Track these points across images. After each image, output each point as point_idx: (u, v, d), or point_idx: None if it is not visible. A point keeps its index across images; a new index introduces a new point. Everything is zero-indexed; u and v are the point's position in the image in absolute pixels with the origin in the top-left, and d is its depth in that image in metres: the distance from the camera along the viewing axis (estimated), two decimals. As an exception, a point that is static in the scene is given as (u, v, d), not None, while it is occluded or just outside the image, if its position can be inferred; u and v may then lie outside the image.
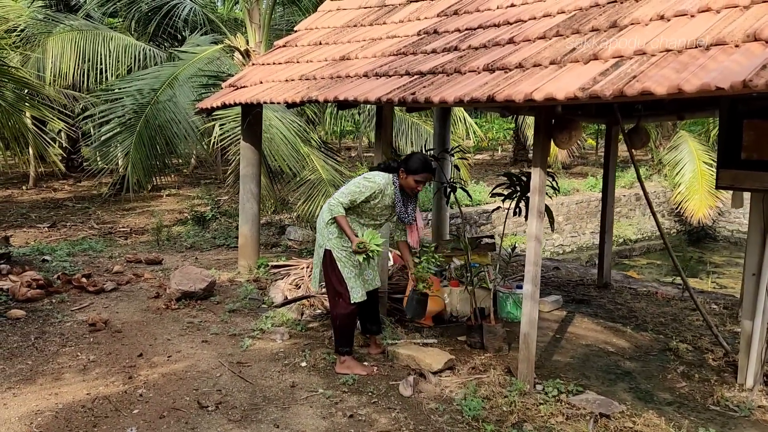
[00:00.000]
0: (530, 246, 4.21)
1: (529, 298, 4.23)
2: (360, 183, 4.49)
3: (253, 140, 7.36)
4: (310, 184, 10.23)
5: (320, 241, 4.54)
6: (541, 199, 4.16)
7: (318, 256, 4.61)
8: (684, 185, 18.88)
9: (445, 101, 4.09)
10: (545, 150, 4.14)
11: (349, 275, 4.47)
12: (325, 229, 4.48)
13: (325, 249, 4.50)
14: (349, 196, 4.43)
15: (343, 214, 4.39)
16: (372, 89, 4.88)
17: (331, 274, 4.50)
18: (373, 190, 4.48)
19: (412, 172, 4.49)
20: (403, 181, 4.54)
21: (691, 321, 5.96)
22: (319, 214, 4.62)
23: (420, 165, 4.51)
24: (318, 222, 4.60)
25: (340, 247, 4.46)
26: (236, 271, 7.44)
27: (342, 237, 4.48)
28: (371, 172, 4.62)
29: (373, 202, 4.54)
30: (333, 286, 4.52)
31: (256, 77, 6.88)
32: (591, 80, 3.39)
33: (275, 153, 9.92)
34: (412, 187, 4.54)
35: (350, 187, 4.48)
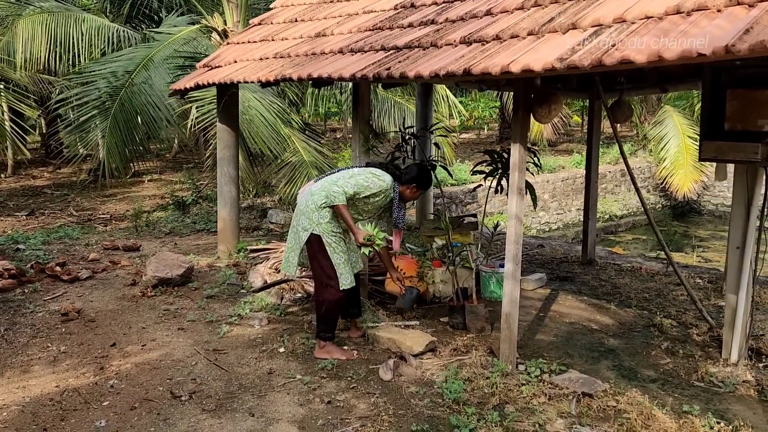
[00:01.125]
0: (511, 224, 4.10)
1: (510, 277, 4.13)
2: (369, 178, 4.37)
3: (229, 122, 7.18)
4: (292, 166, 10.06)
5: (305, 224, 4.33)
6: (522, 176, 4.05)
7: (298, 240, 4.43)
8: (669, 160, 18.87)
9: (420, 76, 3.94)
10: (524, 125, 4.02)
11: (339, 261, 4.34)
12: (315, 213, 4.30)
13: (312, 233, 4.32)
14: (355, 187, 4.29)
15: (345, 204, 4.26)
16: (347, 65, 4.72)
17: (321, 259, 4.33)
18: (380, 188, 4.41)
19: (421, 187, 4.54)
20: (409, 194, 4.54)
21: (676, 296, 5.91)
22: (305, 197, 4.41)
23: (429, 182, 4.59)
24: (304, 204, 4.36)
25: (331, 233, 4.31)
26: (215, 256, 7.30)
27: (333, 222, 4.33)
28: (377, 170, 4.50)
29: (373, 200, 4.44)
30: (323, 271, 4.35)
31: (231, 56, 6.69)
32: (569, 50, 3.25)
33: (255, 135, 9.73)
34: (413, 198, 4.61)
35: (357, 179, 4.33)
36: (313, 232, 4.31)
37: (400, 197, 4.53)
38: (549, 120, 4.02)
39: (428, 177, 4.60)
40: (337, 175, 4.44)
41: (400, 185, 4.52)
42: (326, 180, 4.41)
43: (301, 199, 4.47)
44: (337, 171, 4.58)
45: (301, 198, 4.48)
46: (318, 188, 4.37)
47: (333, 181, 4.35)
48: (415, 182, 4.50)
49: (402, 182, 4.52)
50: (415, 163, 4.70)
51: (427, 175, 4.59)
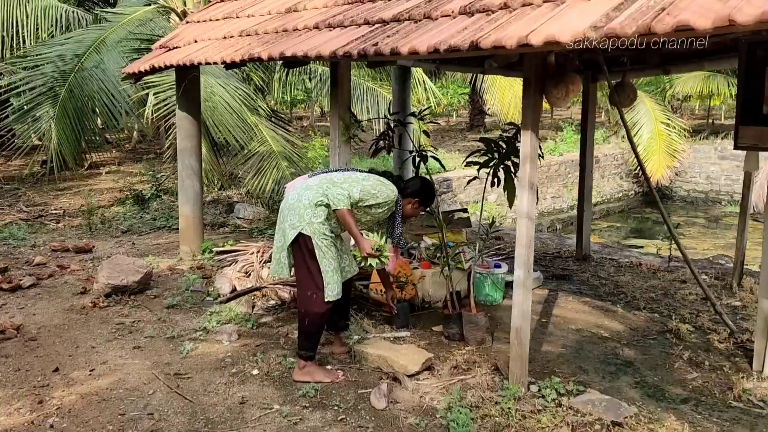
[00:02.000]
0: (521, 225, 3.54)
1: (521, 285, 3.57)
2: (377, 185, 3.82)
3: (190, 109, 6.47)
4: (260, 156, 9.36)
5: (294, 221, 3.72)
6: (534, 168, 3.48)
7: (284, 239, 3.81)
8: (642, 146, 18.67)
9: (415, 51, 3.34)
10: (537, 110, 3.44)
11: (328, 268, 3.73)
12: (308, 210, 3.69)
13: (301, 233, 3.71)
14: (362, 193, 3.74)
15: (350, 209, 3.69)
16: (325, 42, 4.08)
17: (310, 263, 3.73)
18: (386, 199, 3.87)
19: (425, 203, 4.09)
20: (411, 209, 4.06)
21: (684, 295, 5.44)
22: (297, 191, 3.82)
23: (432, 197, 4.12)
24: (295, 199, 3.76)
25: (322, 235, 3.71)
26: (177, 258, 6.61)
27: (326, 224, 3.74)
28: (384, 178, 3.96)
29: (375, 210, 3.89)
30: (309, 278, 3.74)
31: (191, 36, 5.98)
32: (603, 16, 2.68)
33: (219, 123, 9.01)
34: (414, 215, 4.16)
35: (365, 184, 3.78)
36: (302, 232, 3.70)
37: (402, 211, 4.02)
38: (565, 103, 3.47)
39: (432, 192, 4.09)
40: (340, 176, 3.86)
41: (403, 198, 4.00)
42: (325, 178, 3.83)
43: (291, 194, 3.86)
44: (338, 171, 4.02)
45: (291, 192, 3.87)
46: (315, 184, 3.79)
47: (336, 181, 3.77)
48: (418, 197, 4.00)
49: (404, 195, 4.00)
50: (418, 176, 4.21)
51: (431, 190, 4.09)
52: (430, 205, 4.14)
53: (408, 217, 4.12)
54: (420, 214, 4.23)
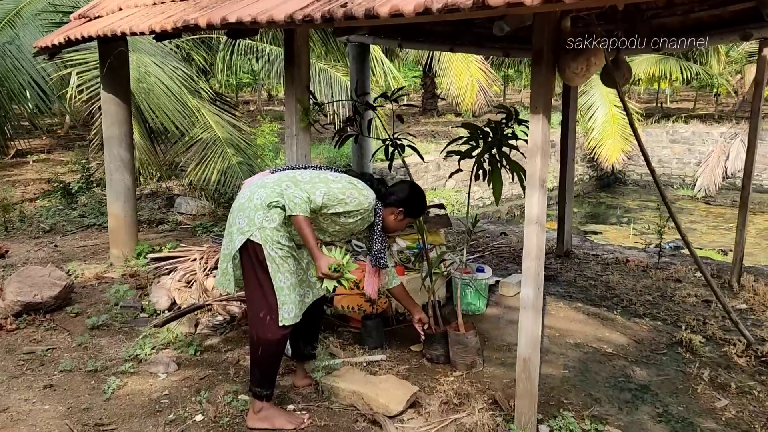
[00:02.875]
0: (530, 233, 2.86)
1: (530, 308, 2.90)
2: (347, 189, 3.07)
3: (118, 90, 5.55)
4: (203, 144, 8.45)
5: (242, 225, 2.98)
6: (545, 161, 2.80)
7: (230, 247, 3.04)
8: (597, 130, 18.45)
9: (399, 12, 2.58)
10: (549, 89, 2.76)
11: (282, 284, 2.98)
12: (259, 212, 2.96)
13: (250, 240, 2.96)
14: (326, 197, 2.99)
15: (308, 216, 2.93)
16: (279, 5, 3.28)
17: (261, 277, 2.98)
18: (359, 206, 3.10)
19: (412, 214, 3.33)
20: (393, 221, 3.29)
21: (683, 297, 4.90)
22: (251, 188, 3.07)
23: (422, 207, 3.39)
24: (246, 198, 3.03)
25: (276, 244, 2.97)
26: (107, 263, 5.71)
27: (282, 230, 2.99)
28: (359, 181, 3.18)
29: (345, 220, 3.14)
30: (260, 296, 3.00)
31: (114, 3, 5.06)
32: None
33: (155, 107, 8.04)
34: (398, 228, 3.38)
35: (332, 187, 3.02)
36: (252, 239, 2.95)
37: (383, 224, 3.26)
38: (584, 80, 2.79)
39: (421, 201, 3.34)
40: (305, 175, 3.10)
41: (384, 207, 3.24)
42: (286, 175, 3.08)
43: (244, 191, 3.11)
44: (306, 169, 3.23)
45: (245, 190, 3.12)
46: (273, 181, 3.03)
47: (298, 181, 3.02)
48: (403, 206, 3.25)
49: (386, 203, 3.25)
50: (405, 182, 3.40)
51: (420, 199, 3.33)
52: (419, 216, 3.39)
53: (391, 231, 3.37)
54: (407, 227, 3.51)
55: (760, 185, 17.02)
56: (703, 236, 13.28)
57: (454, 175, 4.87)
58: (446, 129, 18.83)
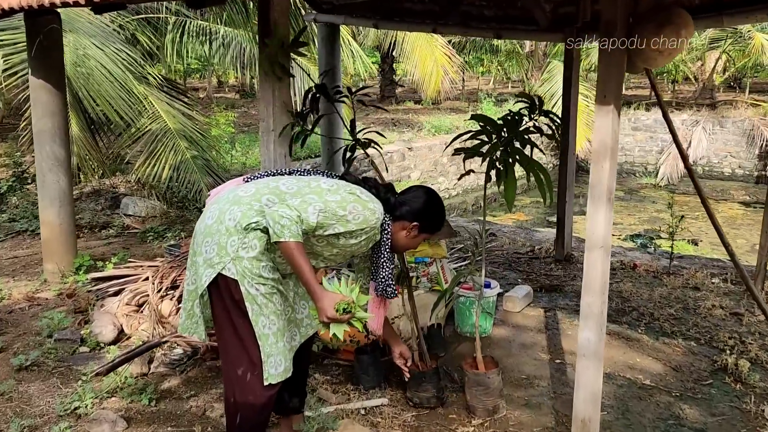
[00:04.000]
0: (593, 260, 2.21)
1: (591, 356, 2.26)
2: (349, 204, 2.31)
3: (49, 75, 4.67)
4: (152, 136, 7.56)
5: (211, 255, 2.25)
6: (613, 166, 2.15)
7: (196, 283, 2.31)
8: (557, 114, 18.09)
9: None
10: (621, 70, 2.11)
11: (267, 330, 2.26)
12: (231, 238, 2.23)
13: (221, 274, 2.22)
14: (321, 215, 2.23)
15: (301, 242, 2.19)
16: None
17: (237, 322, 2.26)
18: (364, 226, 2.34)
19: (429, 229, 2.59)
20: (405, 238, 2.56)
21: (709, 310, 4.36)
22: (221, 205, 2.32)
23: (442, 220, 2.63)
24: (215, 218, 2.29)
25: (258, 278, 2.24)
26: (40, 280, 4.86)
27: (264, 259, 2.26)
28: (362, 191, 2.42)
29: (346, 242, 2.38)
30: (237, 346, 2.28)
31: (42, -31, 4.18)
32: None
33: (96, 95, 7.13)
34: (410, 247, 2.65)
35: (329, 200, 2.27)
36: (224, 273, 2.22)
37: (391, 242, 2.53)
38: (669, 60, 2.15)
39: (440, 211, 2.61)
40: (291, 183, 2.37)
41: (393, 221, 2.52)
42: (266, 185, 2.35)
43: (211, 209, 2.34)
44: (290, 174, 2.50)
45: (212, 207, 2.35)
46: (249, 195, 2.30)
47: (283, 192, 2.30)
48: (419, 219, 2.53)
49: (395, 216, 2.52)
50: (419, 187, 2.64)
51: (440, 209, 2.61)
52: (436, 231, 2.65)
53: (401, 250, 2.68)
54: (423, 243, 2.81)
55: (721, 173, 17.00)
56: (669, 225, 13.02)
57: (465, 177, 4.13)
58: (407, 117, 18.19)
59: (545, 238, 6.23)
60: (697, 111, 18.42)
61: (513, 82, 29.08)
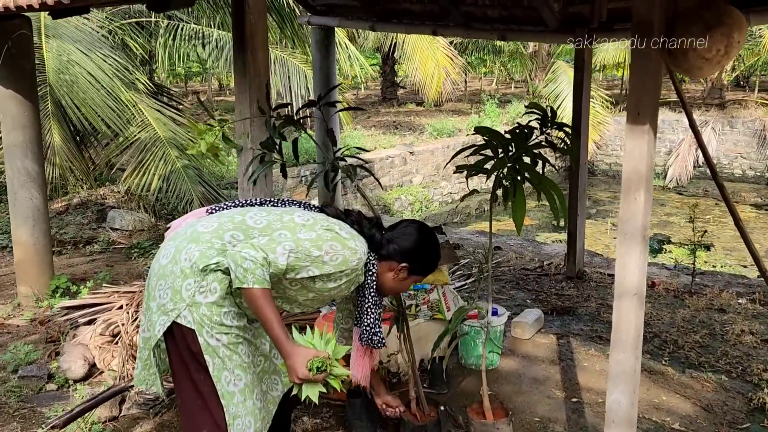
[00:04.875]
0: (625, 309, 1.85)
1: (622, 423, 1.89)
2: (326, 243, 1.97)
3: (19, 85, 4.34)
4: (141, 145, 7.23)
5: (163, 299, 1.93)
6: (648, 199, 1.79)
7: (152, 332, 1.97)
8: (566, 119, 17.69)
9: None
10: (657, 82, 1.75)
11: (233, 387, 1.93)
12: (186, 281, 1.91)
13: (176, 322, 1.90)
14: (292, 256, 1.91)
15: (269, 288, 1.84)
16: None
17: (197, 377, 1.94)
18: (343, 268, 2.00)
19: (420, 271, 2.24)
20: (392, 281, 2.20)
21: (737, 335, 3.98)
22: (177, 241, 2.00)
23: (436, 261, 2.29)
24: (166, 257, 1.98)
25: (218, 326, 1.91)
26: (13, 304, 4.52)
27: (225, 305, 1.93)
28: (342, 226, 2.08)
29: (324, 286, 2.05)
30: (196, 404, 1.96)
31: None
32: None
33: (81, 103, 6.81)
34: (400, 290, 2.31)
35: (301, 241, 1.94)
36: (179, 321, 1.90)
37: (377, 285, 2.18)
38: (716, 70, 1.80)
39: (434, 252, 2.28)
40: (259, 217, 2.05)
41: (378, 260, 2.17)
42: (231, 220, 2.02)
43: (167, 246, 2.02)
44: (261, 205, 2.18)
45: (168, 244, 2.03)
46: (210, 232, 1.97)
47: (248, 228, 1.99)
48: (409, 261, 2.18)
49: (382, 255, 2.17)
50: (410, 222, 2.29)
51: (434, 250, 2.27)
52: (429, 272, 2.29)
53: (389, 294, 2.31)
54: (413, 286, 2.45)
55: (732, 174, 16.61)
56: (682, 230, 12.61)
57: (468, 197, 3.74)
58: (408, 119, 17.85)
59: (555, 252, 5.86)
60: (706, 111, 18.03)
61: (516, 83, 28.68)
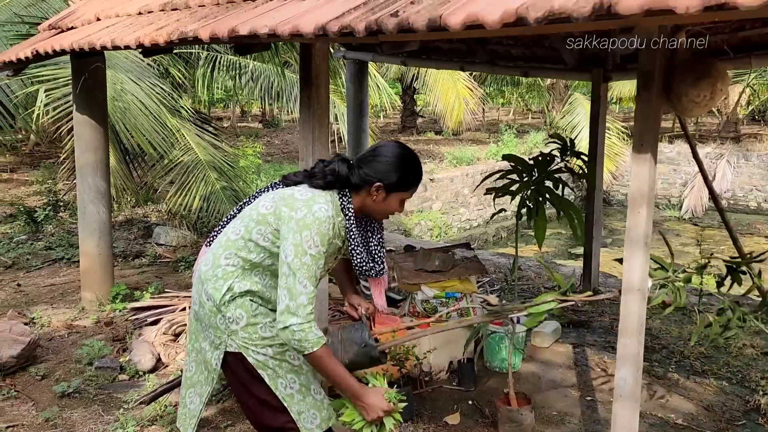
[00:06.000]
0: (629, 302, 2.29)
1: (627, 397, 2.32)
2: (312, 226, 2.02)
3: (93, 112, 4.86)
4: (184, 167, 7.76)
5: (211, 337, 2.20)
6: (649, 212, 2.23)
7: (206, 367, 2.25)
8: (582, 150, 18.05)
9: (477, 23, 1.99)
10: (658, 120, 2.20)
11: (290, 389, 2.18)
12: (218, 317, 2.16)
13: (228, 352, 2.17)
14: (308, 273, 2.01)
15: (326, 344, 2.06)
16: (305, 13, 2.67)
17: (258, 390, 2.17)
18: (330, 235, 2.09)
19: (402, 186, 2.18)
20: (376, 204, 2.19)
21: (739, 348, 4.36)
22: (193, 290, 2.28)
23: (418, 173, 2.22)
24: (197, 303, 2.24)
25: (260, 341, 2.15)
26: (78, 308, 4.99)
27: (258, 322, 2.15)
28: (304, 190, 2.14)
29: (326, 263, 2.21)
30: (266, 412, 2.20)
31: (92, 12, 4.41)
32: None
33: (132, 128, 7.34)
34: (390, 211, 2.24)
35: (300, 241, 2.01)
36: (228, 350, 2.17)
37: (364, 217, 2.27)
38: (704, 111, 2.24)
39: (410, 165, 2.19)
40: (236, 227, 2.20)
41: (354, 192, 2.19)
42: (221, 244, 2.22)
43: (193, 292, 2.29)
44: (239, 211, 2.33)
45: (193, 290, 2.29)
46: (210, 268, 2.20)
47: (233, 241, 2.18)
48: (382, 178, 2.15)
49: (356, 186, 2.17)
50: (384, 142, 2.24)
51: (407, 162, 2.19)
52: (413, 186, 2.22)
53: (381, 218, 2.28)
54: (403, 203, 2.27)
55: (747, 206, 16.89)
56: (696, 260, 12.89)
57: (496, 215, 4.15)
58: (428, 147, 18.35)
59: (571, 272, 6.26)
60: (721, 144, 18.37)
61: (533, 113, 29.19)
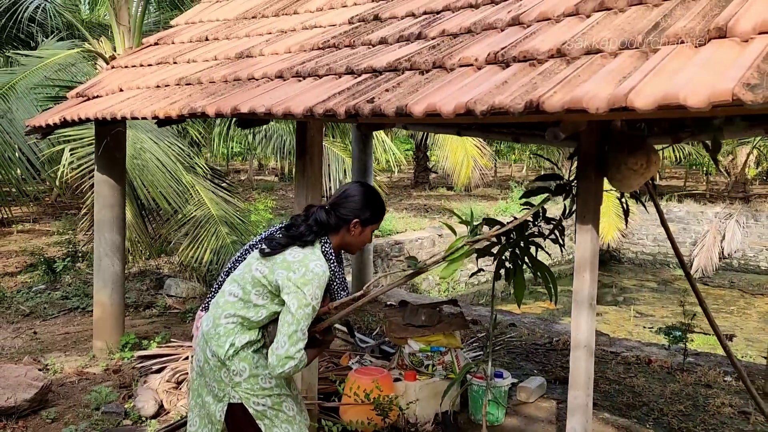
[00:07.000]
0: (577, 358, 2.53)
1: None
2: (313, 281, 2.35)
3: (112, 172, 5.27)
4: (196, 222, 8.13)
5: (214, 391, 2.49)
6: (593, 278, 2.51)
7: (210, 421, 2.54)
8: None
9: (436, 111, 2.33)
10: (599, 195, 2.50)
11: None
12: (222, 371, 2.46)
13: (231, 404, 2.46)
14: (312, 315, 2.36)
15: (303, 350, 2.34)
16: (296, 96, 3.05)
17: None
18: (325, 284, 2.44)
19: (375, 219, 2.60)
20: (354, 238, 2.57)
21: (717, 407, 4.52)
22: (197, 350, 2.59)
23: (383, 205, 2.63)
24: (203, 358, 2.53)
25: (260, 391, 2.46)
26: (89, 355, 5.28)
27: (259, 374, 2.46)
28: (295, 252, 2.42)
29: None
30: None
31: (115, 83, 4.85)
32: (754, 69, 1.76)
33: (149, 184, 7.76)
34: (366, 242, 2.64)
35: (304, 295, 2.33)
36: (232, 402, 2.47)
37: (339, 254, 2.64)
38: (642, 181, 2.53)
39: (376, 201, 2.61)
40: (233, 289, 2.50)
41: (332, 233, 2.54)
42: (219, 305, 2.51)
43: (196, 352, 2.61)
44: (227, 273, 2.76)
45: (196, 350, 2.61)
46: (211, 328, 2.49)
47: (230, 303, 2.49)
48: (359, 215, 2.54)
49: (335, 225, 2.52)
50: (350, 184, 2.65)
51: (374, 199, 2.60)
52: (381, 218, 2.62)
53: (355, 250, 2.68)
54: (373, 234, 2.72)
55: (758, 266, 16.90)
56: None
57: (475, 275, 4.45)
58: (439, 203, 18.70)
59: (564, 330, 6.45)
60: (730, 204, 18.51)
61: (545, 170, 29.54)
